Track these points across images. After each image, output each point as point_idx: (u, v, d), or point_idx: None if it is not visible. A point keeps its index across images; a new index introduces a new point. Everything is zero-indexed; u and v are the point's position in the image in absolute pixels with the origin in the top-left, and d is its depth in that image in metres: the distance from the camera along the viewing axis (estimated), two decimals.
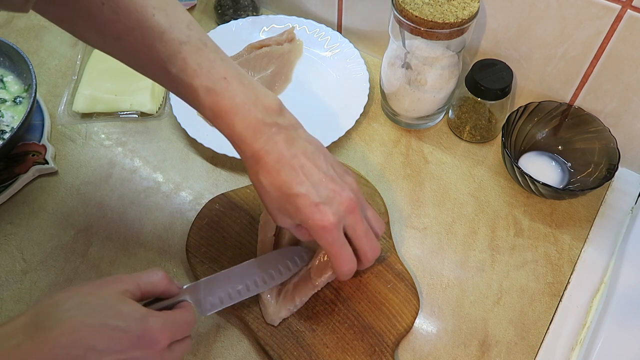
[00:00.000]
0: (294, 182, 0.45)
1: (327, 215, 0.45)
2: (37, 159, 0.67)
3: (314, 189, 0.45)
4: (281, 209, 0.46)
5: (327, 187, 0.46)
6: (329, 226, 0.45)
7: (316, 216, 0.45)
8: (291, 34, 0.78)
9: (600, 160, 0.63)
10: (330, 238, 0.46)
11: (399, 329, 0.54)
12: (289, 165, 0.45)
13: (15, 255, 0.61)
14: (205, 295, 0.49)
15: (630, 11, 0.54)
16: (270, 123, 0.46)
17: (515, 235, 0.62)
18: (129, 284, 0.42)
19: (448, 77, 0.65)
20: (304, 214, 0.45)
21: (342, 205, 0.46)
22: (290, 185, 0.45)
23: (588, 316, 0.57)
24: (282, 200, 0.45)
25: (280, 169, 0.45)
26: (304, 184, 0.45)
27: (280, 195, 0.45)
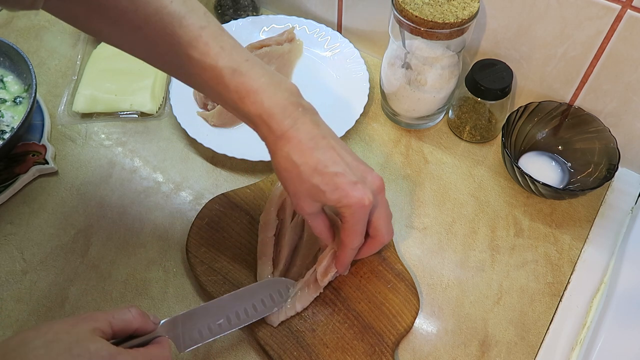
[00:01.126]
0: (330, 160, 0.45)
1: (367, 193, 0.45)
2: (37, 159, 0.67)
3: (348, 168, 0.46)
4: (312, 191, 0.46)
5: (358, 167, 0.47)
6: (368, 204, 0.46)
7: (356, 194, 0.45)
8: (291, 34, 0.78)
9: (600, 160, 0.63)
10: (363, 215, 0.47)
11: (399, 329, 0.54)
12: (322, 144, 0.45)
13: (15, 255, 0.61)
14: (184, 330, 0.47)
15: (630, 11, 0.54)
16: (296, 103, 0.46)
17: (515, 235, 0.62)
18: (101, 322, 0.40)
19: (448, 77, 0.65)
20: (343, 191, 0.45)
21: (373, 184, 0.47)
22: (326, 164, 0.45)
23: (588, 316, 0.57)
24: (316, 180, 0.45)
25: (314, 147, 0.45)
26: (339, 163, 0.45)
27: (314, 174, 0.45)
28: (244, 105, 0.45)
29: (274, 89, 0.45)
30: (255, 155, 0.66)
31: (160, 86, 0.75)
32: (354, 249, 0.50)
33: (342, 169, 0.45)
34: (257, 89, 0.45)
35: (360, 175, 0.47)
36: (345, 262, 0.52)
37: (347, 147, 0.48)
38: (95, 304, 0.57)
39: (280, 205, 0.60)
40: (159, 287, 0.59)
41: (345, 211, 0.46)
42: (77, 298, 0.58)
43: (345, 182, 0.45)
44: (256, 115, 0.45)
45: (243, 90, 0.45)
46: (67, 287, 0.59)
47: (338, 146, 0.47)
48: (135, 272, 0.60)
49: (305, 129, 0.45)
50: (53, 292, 0.58)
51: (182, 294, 0.58)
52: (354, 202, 0.45)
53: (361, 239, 0.50)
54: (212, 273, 0.57)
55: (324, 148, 0.45)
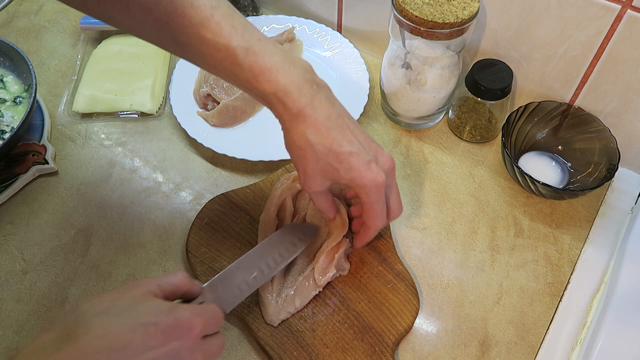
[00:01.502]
0: (345, 140, 0.46)
1: (380, 172, 0.47)
2: (37, 159, 0.67)
3: (362, 147, 0.46)
4: (325, 170, 0.46)
5: (371, 147, 0.48)
6: (382, 183, 0.47)
7: (370, 174, 0.46)
8: (291, 34, 0.78)
9: (600, 160, 0.63)
10: (379, 194, 0.48)
11: (399, 329, 0.54)
12: (337, 123, 0.46)
13: (15, 255, 0.61)
14: (224, 290, 0.49)
15: (630, 11, 0.54)
16: (311, 80, 0.46)
17: (515, 235, 0.62)
18: (151, 286, 0.41)
19: (448, 77, 0.65)
20: (357, 171, 0.46)
21: (385, 164, 0.48)
22: (341, 144, 0.45)
23: (588, 316, 0.57)
24: (331, 159, 0.46)
25: (330, 126, 0.45)
26: (354, 143, 0.46)
27: (329, 154, 0.45)
28: (258, 83, 0.45)
29: (289, 67, 0.45)
30: (255, 155, 0.66)
31: (160, 86, 0.75)
32: (377, 229, 0.52)
33: (357, 149, 0.46)
34: (271, 67, 0.45)
35: (373, 155, 0.47)
36: (366, 241, 0.54)
37: (359, 126, 0.48)
38: None
39: (280, 205, 0.60)
40: None
41: (360, 191, 0.47)
42: (77, 298, 0.58)
43: (359, 162, 0.46)
44: (271, 93, 0.45)
45: (257, 69, 0.45)
46: (67, 287, 0.59)
47: (352, 125, 0.47)
48: (135, 272, 0.60)
49: (321, 107, 0.45)
50: (53, 292, 0.58)
51: None
52: (367, 182, 0.46)
53: (383, 218, 0.51)
54: (212, 273, 0.57)
55: (340, 127, 0.46)
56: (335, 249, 0.55)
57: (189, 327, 0.39)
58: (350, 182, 0.47)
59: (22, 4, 0.88)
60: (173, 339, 0.38)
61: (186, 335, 0.39)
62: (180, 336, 0.39)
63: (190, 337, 0.39)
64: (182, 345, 0.38)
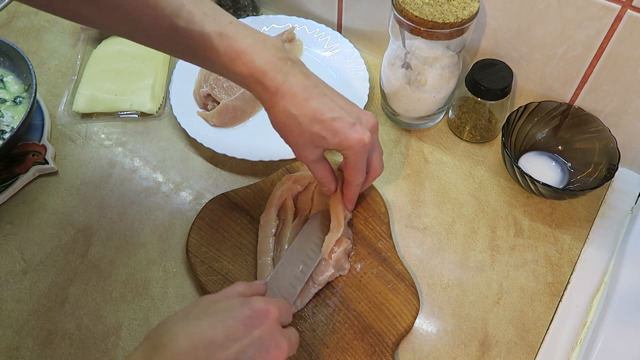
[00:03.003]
0: (326, 107, 0.47)
1: (365, 132, 0.48)
2: (37, 159, 0.67)
3: (344, 111, 0.48)
4: (313, 139, 0.48)
5: (352, 110, 0.49)
6: (368, 142, 0.48)
7: (355, 135, 0.47)
8: (291, 34, 0.78)
9: (600, 160, 0.63)
10: (364, 154, 0.49)
11: (399, 329, 0.54)
12: (315, 93, 0.47)
13: (15, 255, 0.61)
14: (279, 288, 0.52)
15: (630, 11, 0.54)
16: (284, 58, 0.47)
17: (515, 235, 0.62)
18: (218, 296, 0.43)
19: (448, 77, 0.65)
20: (343, 134, 0.47)
21: (369, 122, 0.50)
22: (322, 111, 0.47)
23: (588, 316, 0.57)
24: (316, 128, 0.47)
25: (309, 97, 0.47)
26: (335, 109, 0.47)
27: (313, 123, 0.47)
28: (235, 66, 0.47)
29: (262, 47, 0.47)
30: (255, 155, 0.66)
31: (160, 86, 0.75)
32: (358, 186, 0.54)
33: (339, 114, 0.47)
34: (246, 49, 0.46)
35: (356, 116, 0.49)
36: (352, 199, 0.56)
37: (337, 92, 0.50)
38: (95, 304, 0.57)
39: (280, 205, 0.60)
40: (159, 287, 0.59)
41: (347, 152, 0.49)
42: (77, 298, 0.58)
43: (343, 126, 0.47)
44: (248, 75, 0.47)
45: (233, 52, 0.46)
46: (67, 287, 0.59)
47: (330, 92, 0.49)
48: (135, 272, 0.60)
49: (297, 81, 0.47)
50: (53, 292, 0.58)
51: (182, 294, 0.58)
52: (354, 143, 0.47)
53: (363, 175, 0.53)
54: (212, 273, 0.57)
55: (318, 96, 0.47)
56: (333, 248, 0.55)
57: (265, 313, 0.40)
58: (338, 146, 0.48)
59: (22, 4, 0.88)
60: (254, 328, 0.39)
61: (265, 322, 0.40)
62: (260, 323, 0.40)
63: (270, 324, 0.40)
64: (263, 332, 0.39)
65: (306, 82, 0.47)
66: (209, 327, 0.38)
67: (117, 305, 0.57)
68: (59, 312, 0.57)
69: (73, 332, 0.56)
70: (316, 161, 0.51)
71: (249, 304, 0.40)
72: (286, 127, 0.48)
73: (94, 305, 0.57)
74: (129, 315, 0.57)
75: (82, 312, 0.57)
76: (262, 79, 0.46)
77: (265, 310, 0.40)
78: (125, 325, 0.56)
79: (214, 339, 0.37)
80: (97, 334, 0.56)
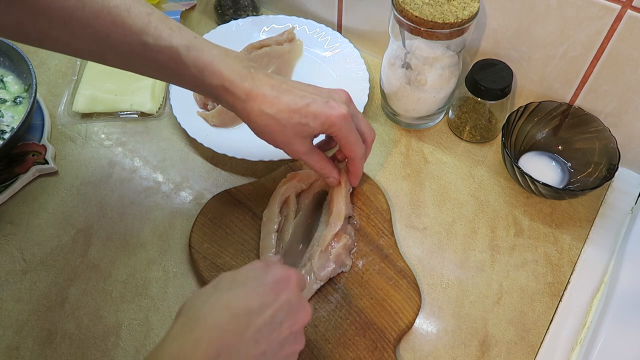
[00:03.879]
0: (297, 97, 0.49)
1: (341, 105, 0.50)
2: (37, 159, 0.67)
3: (315, 95, 0.50)
4: (297, 130, 0.50)
5: (321, 91, 0.52)
6: (346, 114, 0.50)
7: (333, 111, 0.50)
8: (291, 34, 0.78)
9: (600, 160, 0.63)
10: (349, 125, 0.51)
11: (400, 325, 0.54)
12: (283, 89, 0.50)
13: (15, 255, 0.61)
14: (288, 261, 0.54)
15: (630, 11, 0.54)
16: (248, 66, 0.50)
17: (515, 235, 0.62)
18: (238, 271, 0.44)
19: (448, 77, 0.65)
20: (322, 114, 0.49)
21: (341, 96, 0.52)
22: (295, 101, 0.49)
23: (588, 316, 0.57)
24: (295, 119, 0.49)
25: (278, 94, 0.49)
26: (305, 96, 0.50)
27: (291, 115, 0.49)
28: (204, 77, 0.48)
29: (227, 58, 0.49)
30: (255, 155, 0.66)
31: (160, 86, 0.75)
32: (361, 158, 0.55)
33: (311, 98, 0.49)
34: (212, 60, 0.48)
35: (327, 95, 0.51)
36: (358, 174, 0.58)
37: (303, 83, 0.52)
38: (95, 304, 0.57)
39: (283, 201, 0.60)
40: (159, 287, 0.59)
41: (334, 130, 0.51)
42: (77, 298, 0.58)
43: (319, 106, 0.49)
44: (219, 86, 0.49)
45: (201, 64, 0.48)
46: (67, 287, 0.59)
47: (296, 84, 0.51)
48: (135, 272, 0.60)
49: (263, 83, 0.49)
50: (53, 292, 0.58)
51: (182, 294, 0.58)
52: (336, 118, 0.50)
53: (361, 145, 0.54)
54: (215, 269, 0.57)
55: (287, 90, 0.50)
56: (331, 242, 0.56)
57: (288, 278, 0.42)
58: (322, 128, 0.50)
59: None
60: (280, 292, 0.41)
61: (289, 285, 0.42)
62: (285, 287, 0.42)
63: (294, 287, 0.42)
64: (290, 295, 0.41)
65: (272, 82, 0.49)
66: (243, 296, 0.40)
67: (117, 305, 0.57)
68: (59, 312, 0.57)
69: (73, 332, 0.56)
70: (309, 152, 0.53)
71: (272, 270, 0.42)
72: (268, 128, 0.50)
73: (94, 305, 0.57)
74: (129, 315, 0.57)
75: (82, 312, 0.57)
76: (232, 88, 0.48)
77: (287, 276, 0.42)
78: (125, 325, 0.56)
79: (249, 306, 0.39)
80: (97, 334, 0.56)
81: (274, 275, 0.42)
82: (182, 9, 0.82)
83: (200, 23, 0.85)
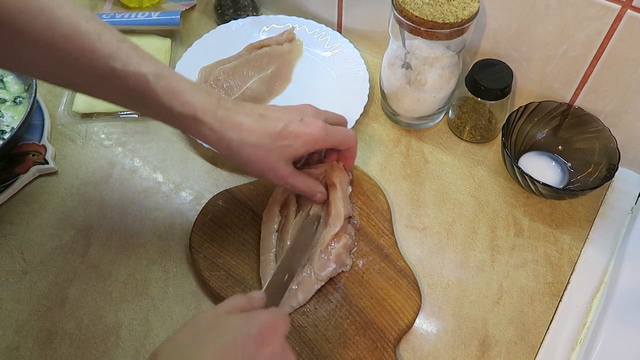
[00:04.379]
0: (273, 121, 0.51)
1: (315, 120, 0.52)
2: (37, 159, 0.67)
3: (289, 115, 0.52)
4: (282, 152, 0.51)
5: (291, 110, 0.53)
6: (322, 125, 0.52)
7: (311, 128, 0.51)
8: (291, 34, 0.78)
9: (600, 160, 0.63)
10: (330, 131, 0.53)
11: (400, 325, 0.54)
12: (257, 115, 0.51)
13: (15, 255, 0.61)
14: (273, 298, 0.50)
15: (630, 11, 0.54)
16: (217, 97, 0.50)
17: (515, 235, 0.62)
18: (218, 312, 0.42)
19: (448, 77, 0.65)
20: (302, 133, 0.51)
21: (311, 112, 0.54)
22: (274, 125, 0.50)
23: (588, 316, 0.57)
24: (277, 142, 0.50)
25: (255, 120, 0.50)
26: (280, 117, 0.51)
27: (274, 139, 0.50)
28: (173, 106, 0.48)
29: (196, 89, 0.49)
30: None
31: None
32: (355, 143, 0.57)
33: (287, 119, 0.51)
34: (183, 90, 0.48)
35: (298, 113, 0.52)
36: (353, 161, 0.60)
37: (269, 105, 0.54)
38: (95, 304, 0.57)
39: (283, 201, 0.60)
40: (159, 287, 0.59)
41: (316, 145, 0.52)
42: (77, 298, 0.58)
43: (297, 126, 0.51)
44: (189, 116, 0.48)
45: (170, 93, 0.47)
46: (67, 287, 0.59)
47: (267, 108, 0.53)
48: (135, 272, 0.60)
49: (236, 112, 0.50)
50: (53, 292, 0.58)
51: (182, 294, 0.58)
52: (316, 133, 0.51)
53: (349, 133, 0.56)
54: (215, 268, 0.57)
55: (262, 116, 0.51)
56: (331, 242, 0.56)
57: (274, 329, 0.40)
58: (305, 147, 0.51)
59: None
60: (264, 345, 0.38)
61: (275, 337, 0.39)
62: (271, 340, 0.39)
63: (278, 338, 0.40)
64: (275, 348, 0.39)
65: (244, 109, 0.50)
66: (223, 350, 0.37)
67: (117, 305, 0.57)
68: (59, 312, 0.57)
69: (73, 332, 0.56)
70: (293, 174, 0.53)
71: (256, 319, 0.40)
72: (252, 157, 0.50)
73: (94, 305, 0.57)
74: (129, 315, 0.57)
75: (82, 312, 0.57)
76: (204, 118, 0.48)
77: (272, 326, 0.40)
78: (125, 325, 0.56)
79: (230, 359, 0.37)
80: (97, 334, 0.56)
81: (258, 326, 0.39)
82: (182, 9, 0.82)
83: (200, 23, 0.85)
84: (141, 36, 0.80)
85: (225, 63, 0.75)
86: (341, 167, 0.60)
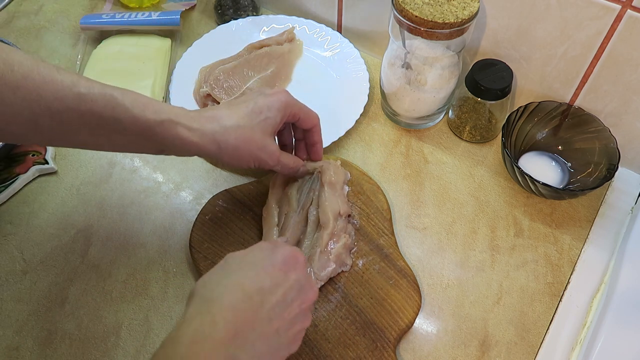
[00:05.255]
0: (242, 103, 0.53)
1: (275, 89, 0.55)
2: (37, 159, 0.67)
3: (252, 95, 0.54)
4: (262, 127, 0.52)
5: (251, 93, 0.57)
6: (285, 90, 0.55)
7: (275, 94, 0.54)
8: (291, 34, 0.78)
9: (600, 160, 0.63)
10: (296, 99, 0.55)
11: (400, 324, 0.54)
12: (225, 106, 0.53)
13: (15, 255, 0.61)
14: None
15: (630, 11, 0.54)
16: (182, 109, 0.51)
17: (515, 235, 0.62)
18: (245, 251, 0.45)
19: (448, 77, 0.65)
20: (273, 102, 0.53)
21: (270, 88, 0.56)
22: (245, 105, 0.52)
23: (588, 316, 0.57)
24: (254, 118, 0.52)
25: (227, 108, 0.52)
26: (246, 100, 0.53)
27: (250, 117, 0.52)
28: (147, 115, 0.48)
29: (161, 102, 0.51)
30: None
31: (160, 86, 0.75)
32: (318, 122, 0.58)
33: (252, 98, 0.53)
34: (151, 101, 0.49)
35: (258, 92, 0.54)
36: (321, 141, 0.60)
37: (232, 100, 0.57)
38: (95, 304, 0.57)
39: (279, 195, 0.60)
40: (159, 287, 0.59)
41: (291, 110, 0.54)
42: (77, 298, 0.58)
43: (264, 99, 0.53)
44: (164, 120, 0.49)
45: (140, 104, 0.48)
46: (67, 287, 0.59)
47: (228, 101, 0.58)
48: (135, 272, 0.60)
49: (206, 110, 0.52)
50: (53, 292, 0.58)
51: (182, 294, 0.58)
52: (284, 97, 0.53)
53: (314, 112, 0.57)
54: None
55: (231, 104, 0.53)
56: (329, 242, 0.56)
57: (296, 258, 0.44)
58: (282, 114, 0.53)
59: (22, 4, 0.88)
60: (289, 272, 0.43)
61: (298, 265, 0.44)
62: (294, 267, 0.44)
63: (301, 267, 0.44)
64: (299, 275, 0.44)
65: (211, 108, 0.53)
66: (255, 276, 0.42)
67: (117, 305, 0.57)
68: (59, 312, 0.57)
69: (73, 332, 0.56)
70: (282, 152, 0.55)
71: (280, 251, 0.44)
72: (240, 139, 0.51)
73: (94, 305, 0.57)
74: (129, 315, 0.57)
75: (82, 312, 0.57)
76: (179, 119, 0.49)
77: (295, 256, 0.44)
78: (125, 325, 0.56)
79: (262, 286, 0.41)
80: (97, 334, 0.56)
81: (282, 256, 0.43)
82: (182, 9, 0.82)
83: (200, 23, 0.85)
84: (141, 36, 0.80)
85: (225, 63, 0.75)
86: (337, 164, 0.60)
